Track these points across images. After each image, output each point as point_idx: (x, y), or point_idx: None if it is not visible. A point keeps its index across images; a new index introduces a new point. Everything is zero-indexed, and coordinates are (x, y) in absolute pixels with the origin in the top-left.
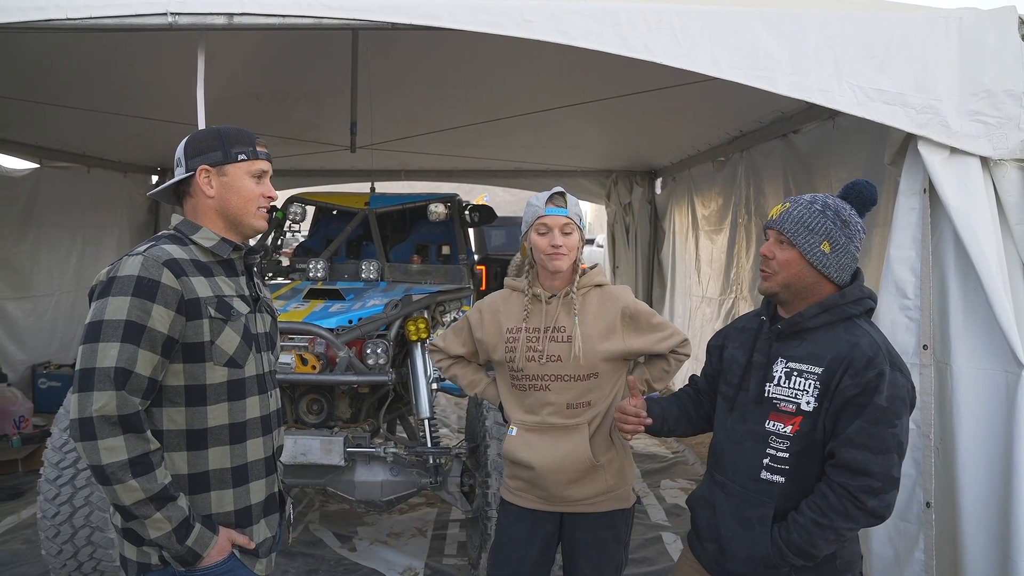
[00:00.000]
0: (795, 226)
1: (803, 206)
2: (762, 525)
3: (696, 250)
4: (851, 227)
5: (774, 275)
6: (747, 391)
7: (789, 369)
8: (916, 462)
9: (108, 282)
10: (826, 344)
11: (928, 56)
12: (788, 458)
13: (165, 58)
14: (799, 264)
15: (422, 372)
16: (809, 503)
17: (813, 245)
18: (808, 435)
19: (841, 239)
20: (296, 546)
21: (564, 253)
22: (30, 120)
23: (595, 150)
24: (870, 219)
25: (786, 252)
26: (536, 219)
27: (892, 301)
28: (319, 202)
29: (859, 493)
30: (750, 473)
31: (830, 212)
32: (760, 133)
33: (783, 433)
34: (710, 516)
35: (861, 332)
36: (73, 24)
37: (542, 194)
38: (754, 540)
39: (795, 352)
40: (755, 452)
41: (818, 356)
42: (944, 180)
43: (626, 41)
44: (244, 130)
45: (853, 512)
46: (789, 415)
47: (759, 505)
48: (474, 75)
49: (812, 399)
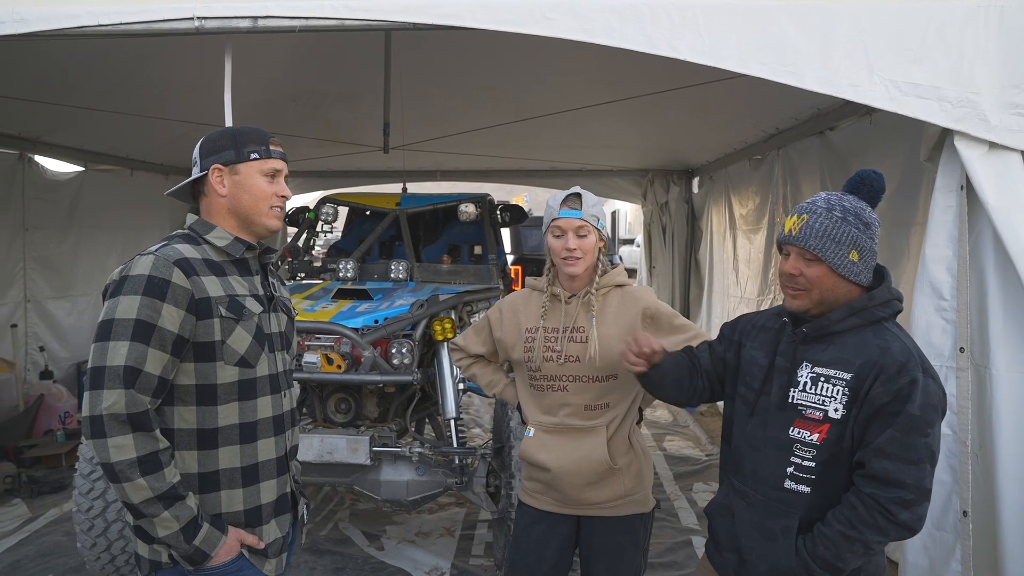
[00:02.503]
0: (821, 240)
1: (823, 216)
2: (786, 537)
3: (734, 250)
4: (872, 228)
5: (806, 292)
6: (769, 396)
7: (816, 374)
8: (952, 469)
9: (120, 281)
10: (855, 349)
11: (966, 47)
12: (814, 467)
13: (203, 62)
14: (830, 279)
15: (448, 372)
16: (837, 515)
17: (842, 257)
18: (836, 443)
19: (868, 244)
20: (325, 544)
21: (578, 257)
22: (75, 124)
23: (631, 149)
24: (906, 218)
25: (814, 268)
26: (551, 221)
27: (927, 302)
28: (351, 202)
29: (891, 505)
30: (773, 482)
31: (851, 217)
32: (796, 130)
33: (809, 441)
34: (730, 525)
35: (891, 336)
36: (105, 30)
37: (559, 195)
38: (777, 552)
39: (822, 357)
40: (778, 460)
41: (847, 361)
42: (982, 176)
43: (649, 38)
44: (259, 129)
45: (884, 525)
46: (816, 422)
47: (783, 516)
48: (508, 75)
49: (841, 406)
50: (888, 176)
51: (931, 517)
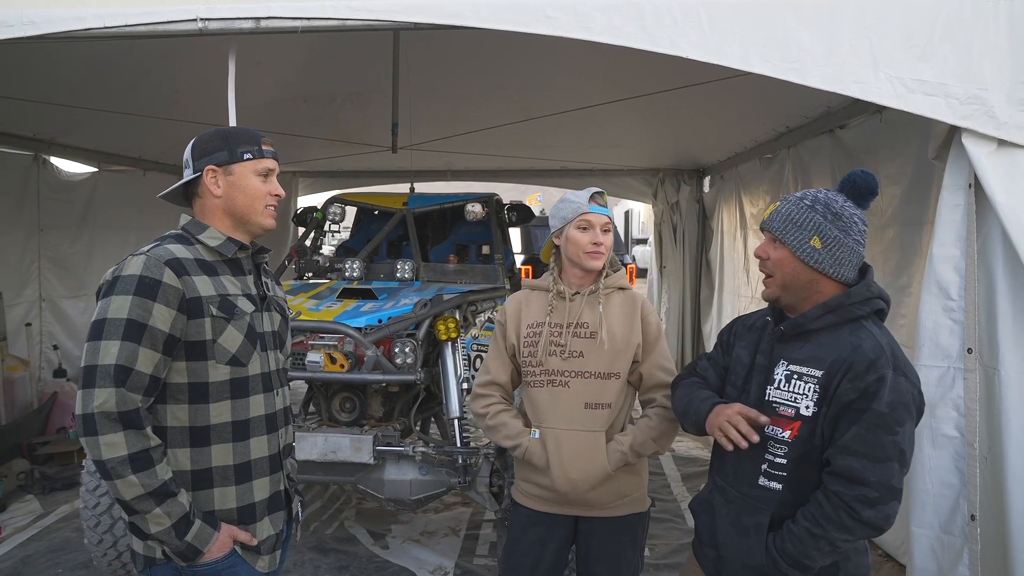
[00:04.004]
0: (783, 223)
1: (792, 203)
2: (758, 533)
3: (745, 249)
4: (844, 219)
5: (772, 279)
6: (748, 394)
7: (790, 372)
8: (960, 472)
9: (112, 281)
10: (829, 346)
11: (975, 43)
12: (786, 464)
13: (213, 64)
14: (791, 262)
15: (452, 372)
16: (804, 512)
17: (802, 241)
18: (807, 441)
19: (832, 232)
20: (330, 542)
21: (603, 252)
22: (89, 126)
23: (641, 148)
24: (917, 217)
25: (778, 251)
26: (579, 215)
27: (934, 302)
28: (358, 202)
29: (854, 503)
30: (748, 479)
31: (819, 206)
32: (807, 129)
33: (781, 438)
34: (710, 521)
35: (866, 334)
36: (110, 32)
37: (581, 192)
38: (750, 548)
39: (797, 354)
40: (754, 458)
41: (819, 359)
42: (991, 174)
43: (651, 36)
44: (250, 130)
45: (848, 523)
46: (788, 419)
47: (755, 512)
48: (517, 74)
49: (811, 403)
50: (899, 175)
51: (939, 520)
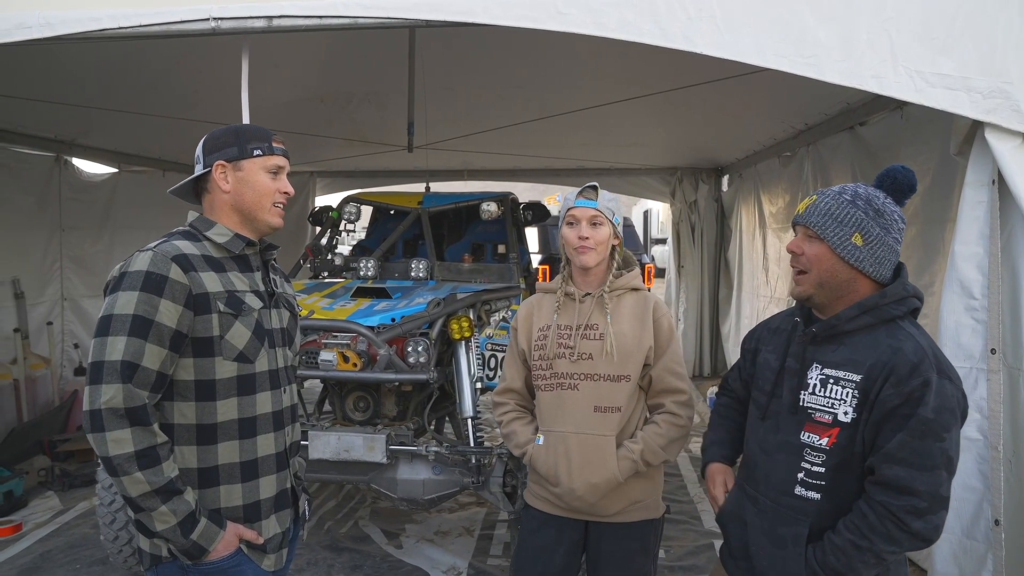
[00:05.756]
0: (823, 218)
1: (831, 197)
2: (796, 545)
3: (764, 248)
4: (886, 216)
5: (805, 274)
6: (780, 399)
7: (825, 376)
8: (984, 476)
9: (119, 277)
10: (866, 349)
11: (997, 35)
12: (824, 473)
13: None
14: (830, 259)
15: (466, 371)
16: (847, 523)
17: (843, 237)
18: (846, 448)
19: (875, 230)
20: (343, 541)
21: (591, 247)
22: (109, 127)
23: (659, 147)
24: (940, 215)
25: (815, 247)
26: (566, 211)
27: (957, 301)
28: (373, 202)
29: (902, 514)
30: (783, 488)
31: (861, 201)
32: (826, 126)
33: (819, 446)
34: (741, 532)
35: (905, 336)
36: (125, 32)
37: (576, 189)
38: (787, 560)
39: (832, 357)
40: (789, 466)
41: (857, 362)
42: (1015, 170)
43: (665, 32)
44: (261, 127)
45: (896, 534)
46: (825, 426)
47: (792, 523)
48: (533, 73)
49: (850, 409)
50: (922, 172)
51: (961, 525)
